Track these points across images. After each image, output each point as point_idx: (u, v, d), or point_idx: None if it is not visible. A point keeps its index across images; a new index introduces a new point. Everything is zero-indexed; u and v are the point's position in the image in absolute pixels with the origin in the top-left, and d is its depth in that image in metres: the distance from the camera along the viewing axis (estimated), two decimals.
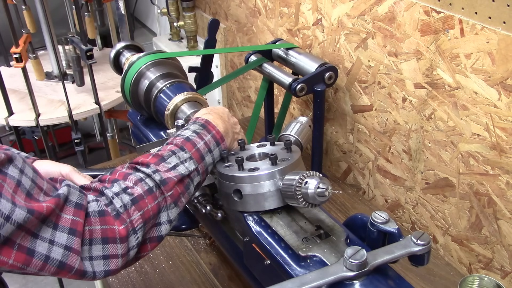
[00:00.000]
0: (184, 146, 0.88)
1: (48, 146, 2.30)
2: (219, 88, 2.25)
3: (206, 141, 0.92)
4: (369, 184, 1.52)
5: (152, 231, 0.81)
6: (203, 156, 0.90)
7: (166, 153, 0.86)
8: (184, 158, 0.87)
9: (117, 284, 1.23)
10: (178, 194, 0.84)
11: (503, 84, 1.04)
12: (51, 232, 0.69)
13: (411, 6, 1.19)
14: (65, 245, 0.69)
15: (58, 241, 0.69)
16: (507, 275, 1.17)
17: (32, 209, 0.66)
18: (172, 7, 2.33)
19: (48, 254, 0.68)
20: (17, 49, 2.00)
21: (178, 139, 0.90)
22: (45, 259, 0.68)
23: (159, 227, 0.82)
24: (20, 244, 0.66)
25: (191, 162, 0.87)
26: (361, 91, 1.43)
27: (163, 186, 0.81)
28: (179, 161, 0.86)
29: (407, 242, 0.77)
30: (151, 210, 0.79)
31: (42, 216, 0.67)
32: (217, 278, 1.25)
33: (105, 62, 2.41)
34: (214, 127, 0.94)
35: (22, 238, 0.66)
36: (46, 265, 0.69)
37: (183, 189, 0.85)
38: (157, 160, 0.84)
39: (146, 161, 0.84)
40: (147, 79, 1.29)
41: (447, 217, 1.28)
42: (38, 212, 0.67)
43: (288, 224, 0.90)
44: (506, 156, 1.08)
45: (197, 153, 0.89)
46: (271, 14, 1.74)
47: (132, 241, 0.77)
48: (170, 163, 0.85)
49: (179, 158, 0.86)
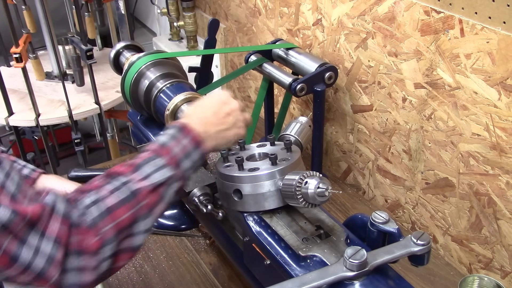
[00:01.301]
0: (160, 153, 0.85)
1: (48, 146, 2.30)
2: (219, 88, 2.25)
3: (184, 146, 0.88)
4: (369, 184, 1.52)
5: (126, 242, 0.79)
6: (180, 162, 0.87)
7: (141, 161, 0.84)
8: (160, 165, 0.84)
9: (117, 284, 1.23)
10: (153, 203, 0.82)
11: (503, 84, 1.04)
12: (38, 240, 0.68)
13: (411, 6, 1.19)
14: (49, 255, 0.69)
15: (43, 250, 0.68)
16: (507, 275, 1.17)
17: (16, 211, 0.65)
18: (172, 7, 2.33)
19: (31, 261, 0.68)
20: (17, 49, 2.00)
21: (154, 145, 0.88)
22: (28, 265, 0.68)
23: (133, 238, 0.80)
24: (7, 247, 0.66)
25: (167, 169, 0.84)
26: (361, 91, 1.43)
27: (137, 195, 0.79)
28: (154, 168, 0.83)
29: (407, 242, 0.78)
30: (125, 221, 0.77)
31: (27, 220, 0.67)
32: (217, 278, 1.25)
33: (105, 62, 2.40)
34: (191, 130, 0.91)
35: (9, 242, 0.66)
36: (27, 271, 0.68)
37: (159, 197, 0.83)
38: (132, 169, 0.82)
39: (121, 170, 0.82)
40: (147, 79, 1.29)
41: (447, 217, 1.28)
42: (23, 214, 0.66)
43: (288, 224, 0.90)
44: (506, 156, 1.08)
45: (174, 159, 0.86)
46: (271, 14, 1.74)
47: (105, 252, 0.75)
48: (145, 171, 0.82)
49: (154, 165, 0.83)
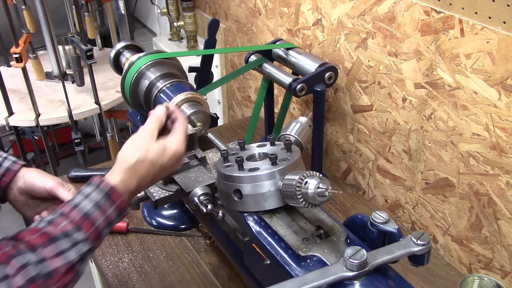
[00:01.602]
0: (81, 226, 0.76)
1: (48, 146, 2.30)
2: (219, 88, 2.25)
3: (107, 215, 0.79)
4: (369, 184, 1.52)
5: None
6: (101, 233, 0.79)
7: (58, 234, 0.74)
8: (78, 240, 0.75)
9: (117, 284, 1.23)
10: (66, 283, 0.74)
11: (503, 84, 1.04)
12: None
13: (411, 6, 1.19)
14: None
15: None
16: (507, 275, 1.17)
17: None
18: (172, 7, 2.33)
19: None
20: (17, 49, 2.00)
21: (75, 213, 0.77)
22: None
23: None
24: None
25: (86, 244, 0.76)
26: (361, 91, 1.43)
27: (48, 278, 0.71)
28: (71, 243, 0.75)
29: (407, 242, 0.78)
30: None
31: None
32: (217, 278, 1.25)
33: (105, 62, 2.41)
34: (119, 196, 0.81)
35: None
36: None
37: (72, 276, 0.74)
38: (46, 241, 0.73)
39: (33, 243, 0.72)
40: (147, 79, 1.29)
41: (447, 217, 1.28)
42: None
43: (288, 224, 0.90)
44: (506, 156, 1.08)
45: (95, 232, 0.78)
46: (271, 14, 1.74)
47: None
48: (60, 246, 0.73)
49: (72, 240, 0.75)
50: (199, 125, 1.20)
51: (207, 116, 1.24)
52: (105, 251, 1.32)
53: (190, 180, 1.06)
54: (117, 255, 1.31)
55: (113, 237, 1.36)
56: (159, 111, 0.92)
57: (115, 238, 1.36)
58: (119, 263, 1.29)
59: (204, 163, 1.12)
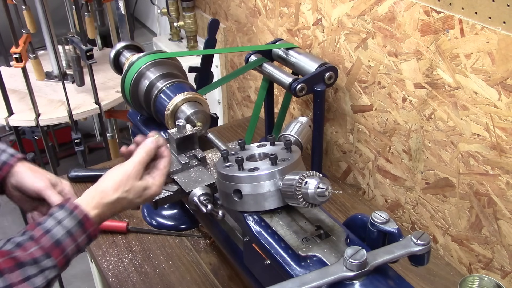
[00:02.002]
0: (50, 253, 0.75)
1: (48, 146, 2.30)
2: (219, 88, 2.25)
3: (78, 242, 0.79)
4: (369, 184, 1.52)
5: None
6: (70, 259, 0.79)
7: (26, 260, 0.73)
8: (47, 267, 0.75)
9: (117, 284, 1.23)
10: None
11: (503, 84, 1.04)
12: None
13: (411, 6, 1.19)
14: None
15: None
16: (507, 275, 1.17)
17: None
18: (172, 7, 2.33)
19: None
20: (17, 49, 2.00)
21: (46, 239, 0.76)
22: None
23: None
24: None
25: (54, 270, 0.76)
26: (361, 91, 1.43)
27: None
28: (39, 270, 0.74)
29: (407, 242, 0.77)
30: None
31: None
32: (217, 278, 1.25)
33: (105, 62, 2.40)
34: (92, 224, 0.81)
35: None
36: None
37: None
38: (13, 266, 0.71)
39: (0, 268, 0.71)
40: (147, 79, 1.29)
41: (447, 217, 1.28)
42: None
43: (288, 224, 0.90)
44: (506, 156, 1.08)
45: (64, 259, 0.77)
46: (271, 14, 1.74)
47: None
48: (27, 272, 0.72)
49: (40, 267, 0.74)
50: (199, 125, 1.20)
51: (207, 116, 1.24)
52: (105, 251, 1.32)
53: (190, 180, 1.06)
54: (117, 255, 1.31)
55: (113, 237, 1.36)
56: (151, 144, 0.91)
57: (115, 238, 1.36)
58: (119, 263, 1.29)
59: (204, 163, 1.12)
